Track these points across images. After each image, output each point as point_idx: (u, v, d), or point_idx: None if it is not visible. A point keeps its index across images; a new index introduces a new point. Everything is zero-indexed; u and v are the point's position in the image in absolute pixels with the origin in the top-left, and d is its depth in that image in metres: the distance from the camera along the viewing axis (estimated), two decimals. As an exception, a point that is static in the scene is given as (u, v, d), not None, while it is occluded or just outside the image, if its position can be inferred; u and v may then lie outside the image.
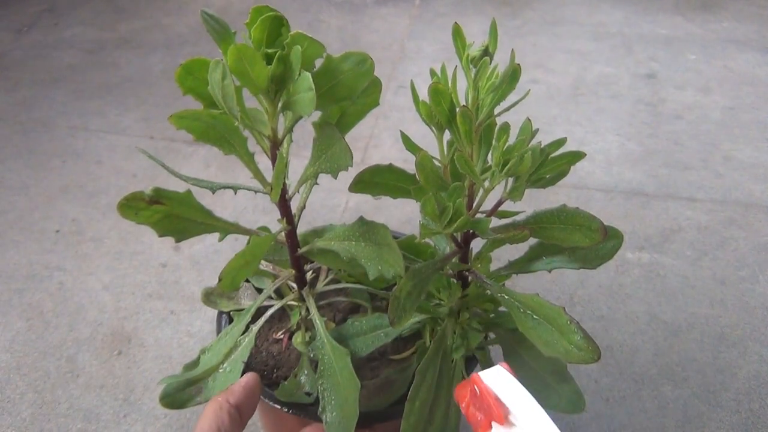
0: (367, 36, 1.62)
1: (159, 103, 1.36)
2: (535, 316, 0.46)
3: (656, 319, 0.89)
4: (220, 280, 0.45)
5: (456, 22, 0.43)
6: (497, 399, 0.35)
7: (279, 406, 0.52)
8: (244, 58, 0.38)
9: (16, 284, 0.96)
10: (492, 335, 0.56)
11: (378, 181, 0.51)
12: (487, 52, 0.41)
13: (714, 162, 1.19)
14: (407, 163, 1.18)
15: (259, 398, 0.48)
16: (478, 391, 0.37)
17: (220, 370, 0.51)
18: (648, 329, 0.88)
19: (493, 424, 0.35)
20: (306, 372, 0.55)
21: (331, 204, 1.08)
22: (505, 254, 0.62)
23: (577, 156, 0.45)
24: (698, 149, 1.22)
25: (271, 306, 0.56)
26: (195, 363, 0.52)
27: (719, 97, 1.37)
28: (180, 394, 0.50)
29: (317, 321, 0.53)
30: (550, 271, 0.53)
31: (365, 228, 0.49)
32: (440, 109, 0.44)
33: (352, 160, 0.43)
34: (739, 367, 0.83)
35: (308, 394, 0.54)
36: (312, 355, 0.53)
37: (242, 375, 0.49)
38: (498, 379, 0.36)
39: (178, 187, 0.45)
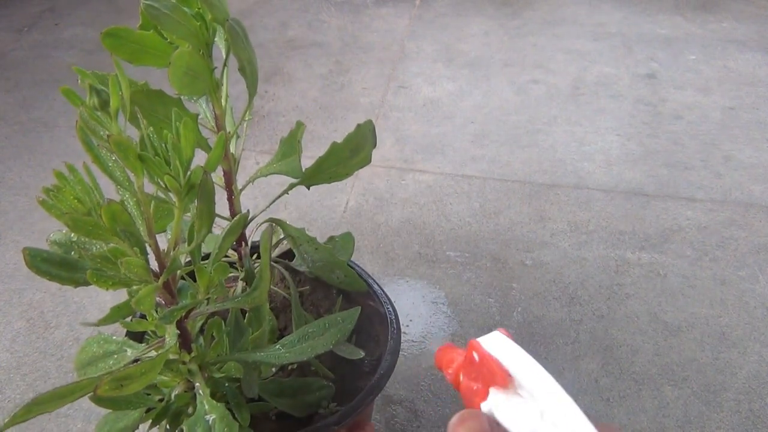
0: (367, 36, 1.62)
1: (159, 103, 1.36)
2: None
3: (656, 319, 0.89)
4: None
5: (64, 87, 0.39)
6: (500, 364, 0.34)
7: None
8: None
9: (16, 284, 0.96)
10: None
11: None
12: (105, 101, 0.37)
13: (714, 162, 1.19)
14: (406, 162, 1.18)
15: None
16: (477, 357, 0.35)
17: None
18: (648, 329, 0.88)
19: (491, 390, 0.34)
20: None
21: (330, 204, 1.08)
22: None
23: None
24: (698, 149, 1.22)
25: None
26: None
27: (719, 97, 1.37)
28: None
29: None
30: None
31: None
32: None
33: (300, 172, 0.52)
34: (739, 367, 0.83)
35: None
36: None
37: None
38: (498, 345, 0.35)
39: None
